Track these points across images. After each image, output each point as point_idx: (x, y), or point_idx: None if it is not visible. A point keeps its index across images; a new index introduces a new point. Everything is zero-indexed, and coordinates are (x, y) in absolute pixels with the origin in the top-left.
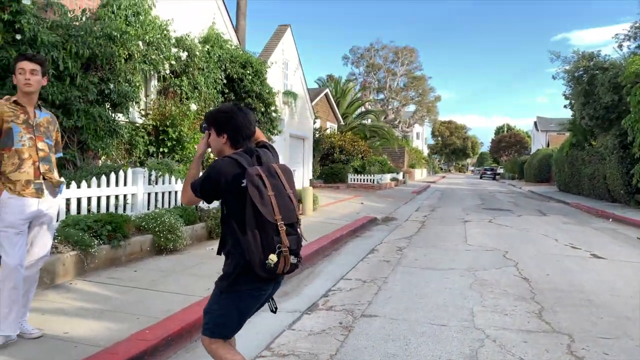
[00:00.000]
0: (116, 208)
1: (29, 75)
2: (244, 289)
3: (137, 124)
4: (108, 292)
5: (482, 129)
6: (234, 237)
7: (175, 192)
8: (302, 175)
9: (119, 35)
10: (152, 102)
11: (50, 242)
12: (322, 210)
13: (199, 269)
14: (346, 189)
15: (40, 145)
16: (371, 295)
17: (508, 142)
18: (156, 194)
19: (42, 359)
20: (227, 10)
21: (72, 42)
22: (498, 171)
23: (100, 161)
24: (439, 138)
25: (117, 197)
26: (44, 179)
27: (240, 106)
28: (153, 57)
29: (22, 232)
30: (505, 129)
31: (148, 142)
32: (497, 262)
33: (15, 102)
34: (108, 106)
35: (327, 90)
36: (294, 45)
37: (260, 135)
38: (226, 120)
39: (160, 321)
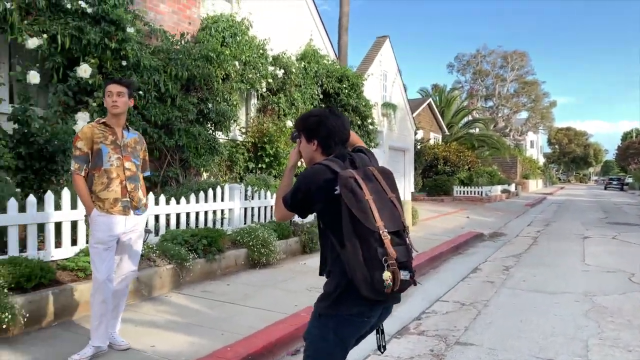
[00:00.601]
0: (214, 223)
1: (116, 98)
2: (345, 312)
3: (238, 141)
4: (198, 306)
5: (605, 135)
6: (333, 253)
7: (271, 207)
8: (403, 188)
9: (215, 56)
10: (251, 120)
11: (138, 258)
12: (422, 225)
13: (289, 284)
14: (451, 202)
15: (127, 164)
16: (469, 320)
17: (637, 148)
18: (252, 208)
19: None
20: (324, 27)
21: (172, 65)
22: (626, 181)
23: (202, 177)
24: (556, 146)
25: (214, 212)
26: (130, 197)
27: (332, 108)
28: (250, 76)
29: (110, 248)
30: (634, 135)
31: (247, 159)
32: (621, 286)
33: (104, 123)
34: (208, 125)
35: (429, 100)
36: (393, 56)
37: (356, 139)
38: (317, 124)
39: (242, 338)
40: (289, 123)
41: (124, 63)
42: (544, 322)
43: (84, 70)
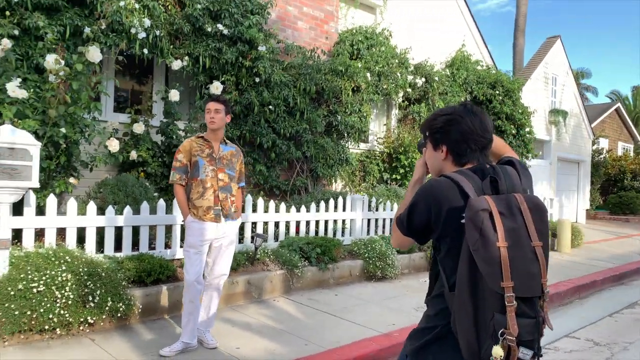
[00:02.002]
0: (334, 232)
1: (214, 114)
2: None
3: (373, 152)
4: (298, 313)
5: None
6: (440, 287)
7: None
8: (576, 204)
9: (344, 70)
10: (387, 130)
11: (229, 263)
12: (586, 248)
13: (397, 301)
14: (638, 223)
15: (221, 175)
16: None
17: None
18: (377, 220)
19: None
20: (478, 30)
21: (301, 80)
22: None
23: (333, 187)
24: None
25: (335, 221)
26: (222, 206)
27: (469, 104)
28: (385, 86)
29: (200, 253)
30: None
31: (383, 169)
32: None
33: (202, 138)
34: (336, 136)
35: (617, 104)
36: (565, 58)
37: (503, 148)
38: (446, 125)
39: (322, 352)
40: None
41: (257, 80)
42: None
43: (216, 88)
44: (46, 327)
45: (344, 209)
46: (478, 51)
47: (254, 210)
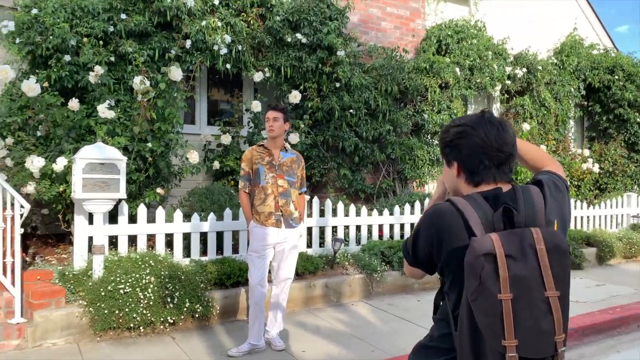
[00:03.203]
0: None
1: (272, 123)
2: None
3: None
4: (372, 318)
5: None
6: (443, 312)
7: None
8: None
9: (428, 67)
10: None
11: (293, 267)
12: None
13: None
14: None
15: (280, 182)
16: None
17: None
18: None
19: None
20: (593, 10)
21: (382, 81)
22: None
23: (425, 189)
24: None
25: (412, 225)
26: (282, 211)
27: (487, 113)
28: (478, 80)
29: (263, 257)
30: None
31: None
32: None
33: (262, 146)
34: (423, 136)
35: None
36: None
37: (542, 159)
38: (456, 138)
39: (386, 359)
40: (526, 126)
41: (337, 85)
42: None
43: (294, 96)
44: (131, 325)
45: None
46: (593, 33)
47: (334, 214)
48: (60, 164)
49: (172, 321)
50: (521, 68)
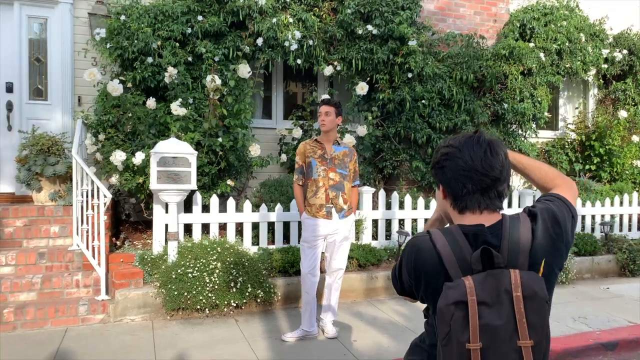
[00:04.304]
0: None
1: (324, 117)
2: None
3: (560, 140)
4: None
5: None
6: (432, 324)
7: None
8: None
9: (507, 53)
10: (579, 114)
11: (345, 258)
12: None
13: (557, 308)
14: None
15: (332, 175)
16: None
17: None
18: None
19: (308, 356)
20: None
21: (457, 69)
22: None
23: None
24: None
25: None
26: (333, 204)
27: (480, 133)
28: (568, 65)
29: (313, 247)
30: None
31: (574, 159)
32: None
33: (315, 140)
34: (502, 126)
35: None
36: None
37: (552, 179)
38: (442, 159)
39: None
40: (623, 113)
41: (409, 75)
42: None
43: (361, 88)
44: (198, 307)
45: (509, 205)
46: None
47: (401, 207)
48: (138, 157)
49: (235, 304)
50: (621, 50)
